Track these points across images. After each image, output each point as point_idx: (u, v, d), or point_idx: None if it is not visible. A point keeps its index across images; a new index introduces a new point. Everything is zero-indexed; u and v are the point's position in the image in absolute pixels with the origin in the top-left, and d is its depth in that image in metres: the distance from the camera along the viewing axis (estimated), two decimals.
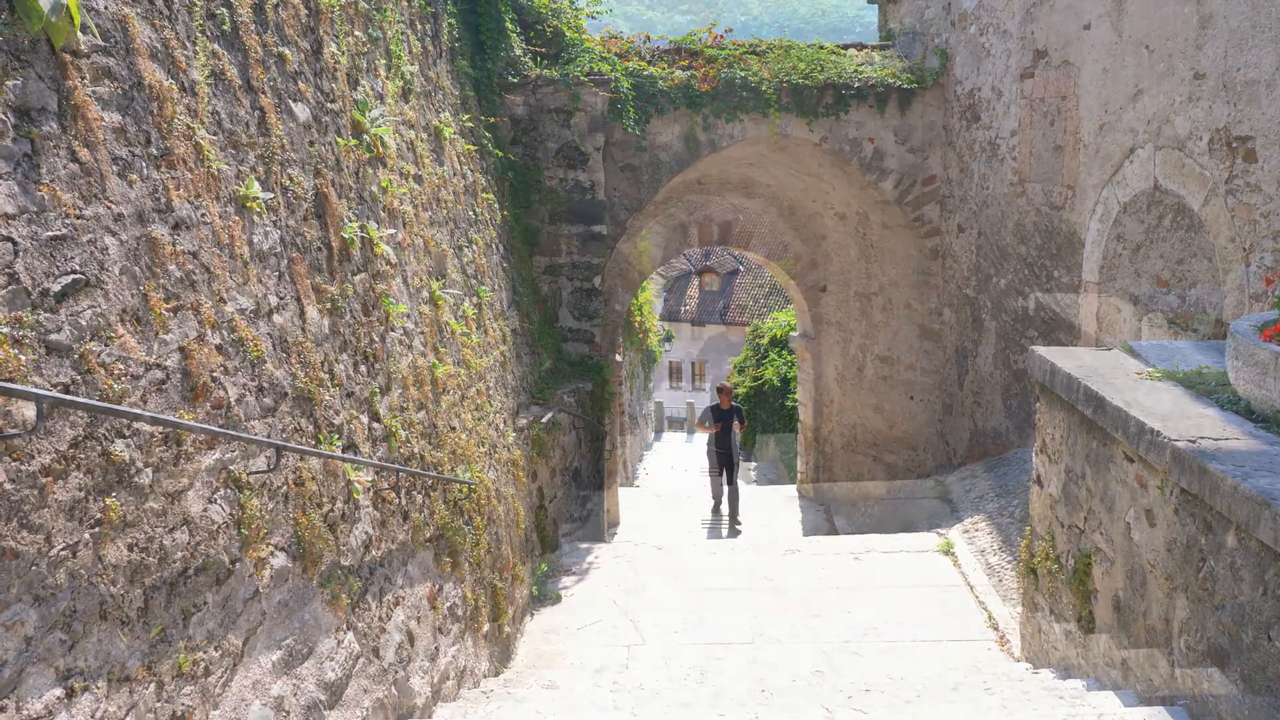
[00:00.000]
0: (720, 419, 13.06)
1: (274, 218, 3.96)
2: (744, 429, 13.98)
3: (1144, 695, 4.15)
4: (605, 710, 4.69)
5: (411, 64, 6.76)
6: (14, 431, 2.27)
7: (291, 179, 4.20)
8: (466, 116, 8.51)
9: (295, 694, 3.45)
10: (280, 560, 3.51)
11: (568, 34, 10.85)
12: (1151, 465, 3.93)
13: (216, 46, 3.70)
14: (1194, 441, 3.65)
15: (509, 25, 9.83)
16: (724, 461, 13.02)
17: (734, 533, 12.35)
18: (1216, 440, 3.64)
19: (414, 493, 5.07)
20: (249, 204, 3.73)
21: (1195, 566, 3.61)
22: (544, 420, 8.46)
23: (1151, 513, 4.01)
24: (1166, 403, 4.17)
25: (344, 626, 3.96)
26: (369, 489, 4.47)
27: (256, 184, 3.78)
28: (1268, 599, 3.12)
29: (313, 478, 3.89)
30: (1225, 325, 6.39)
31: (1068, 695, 4.56)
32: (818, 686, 5.18)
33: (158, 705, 2.70)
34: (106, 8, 2.97)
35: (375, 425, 4.70)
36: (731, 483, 12.84)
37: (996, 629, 6.75)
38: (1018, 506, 8.17)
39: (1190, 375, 4.49)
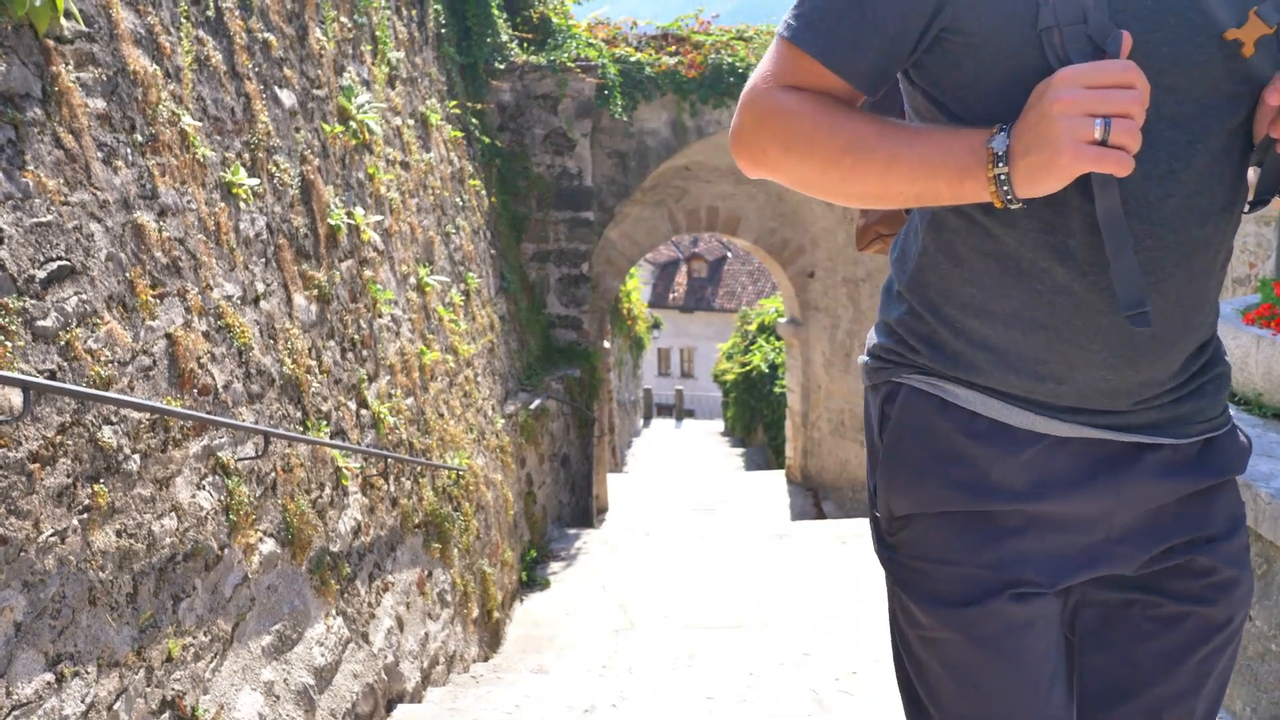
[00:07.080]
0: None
1: (260, 204, 3.96)
2: None
3: None
4: (594, 693, 4.72)
5: (398, 50, 6.74)
6: (1, 418, 2.27)
7: (278, 166, 4.19)
8: (453, 103, 8.48)
9: (285, 679, 3.47)
10: (269, 546, 3.52)
11: (555, 20, 10.82)
12: None
13: (201, 32, 3.69)
14: None
15: (495, 11, 9.79)
16: None
17: None
18: None
19: (402, 479, 5.08)
20: (235, 190, 3.72)
21: None
22: (532, 407, 8.47)
23: None
24: None
25: (333, 612, 3.97)
26: (357, 475, 4.48)
27: (243, 170, 3.78)
28: None
29: (301, 464, 3.90)
30: None
31: None
32: (805, 669, 5.22)
33: (148, 690, 2.71)
34: None
35: (363, 412, 4.71)
36: None
37: None
38: None
39: None
